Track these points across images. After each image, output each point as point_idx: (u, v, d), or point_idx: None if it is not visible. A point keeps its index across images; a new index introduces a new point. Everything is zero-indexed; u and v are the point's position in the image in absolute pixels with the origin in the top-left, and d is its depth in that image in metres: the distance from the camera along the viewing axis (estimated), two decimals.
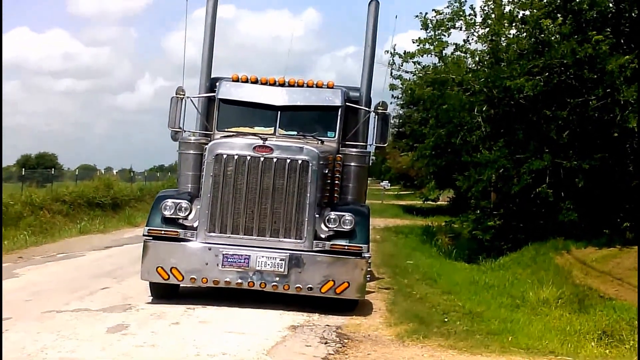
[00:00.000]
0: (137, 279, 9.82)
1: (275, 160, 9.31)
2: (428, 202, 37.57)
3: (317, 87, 10.89)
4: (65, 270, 13.10)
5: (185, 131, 10.81)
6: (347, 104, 10.87)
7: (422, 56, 18.93)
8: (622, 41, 16.96)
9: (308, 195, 9.32)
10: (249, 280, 9.25)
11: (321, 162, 9.54)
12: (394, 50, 18.98)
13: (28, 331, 7.87)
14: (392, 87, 19.75)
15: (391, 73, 19.10)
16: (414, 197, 48.01)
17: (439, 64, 19.14)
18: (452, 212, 29.02)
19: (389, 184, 79.21)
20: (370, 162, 11.24)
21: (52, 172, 32.70)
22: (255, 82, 10.87)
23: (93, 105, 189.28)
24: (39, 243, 17.67)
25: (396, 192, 69.65)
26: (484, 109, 18.29)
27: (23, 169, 33.16)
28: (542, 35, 16.68)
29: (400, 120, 40.21)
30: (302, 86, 10.88)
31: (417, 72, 19.22)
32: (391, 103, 23.15)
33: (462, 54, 18.98)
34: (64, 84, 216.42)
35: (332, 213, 9.40)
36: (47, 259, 14.66)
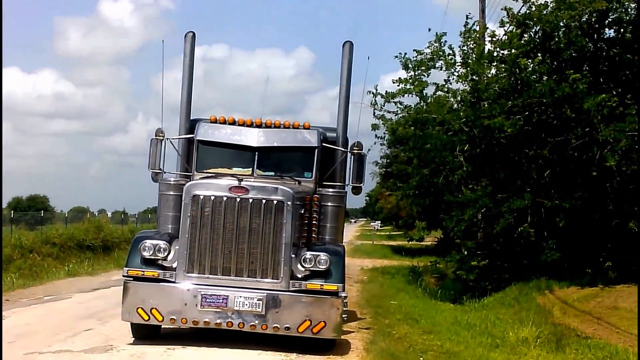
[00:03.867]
0: (121, 321, 9.86)
1: (251, 200, 9.45)
2: (412, 242, 37.54)
3: (293, 127, 11.04)
4: (50, 313, 13.12)
5: (165, 172, 10.97)
6: (323, 144, 11.03)
7: (403, 96, 19.06)
8: (601, 80, 16.94)
9: (284, 235, 9.44)
10: (228, 320, 9.32)
11: (297, 202, 9.68)
12: (376, 90, 19.31)
13: None
14: (374, 126, 19.98)
15: (374, 113, 19.34)
16: (404, 238, 48.00)
17: (420, 104, 19.34)
18: (440, 252, 29.10)
19: (381, 225, 79.18)
20: (346, 201, 11.32)
21: (42, 215, 32.65)
22: (233, 123, 11.01)
23: (86, 147, 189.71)
24: (27, 286, 17.66)
25: (388, 233, 69.57)
26: (465, 148, 18.37)
27: (13, 212, 33.16)
28: (522, 75, 16.75)
29: (387, 160, 40.32)
30: (279, 127, 11.03)
31: (399, 112, 19.37)
32: (375, 143, 23.41)
33: (444, 94, 19.16)
34: (56, 125, 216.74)
35: (308, 253, 9.50)
36: (33, 302, 14.68)
